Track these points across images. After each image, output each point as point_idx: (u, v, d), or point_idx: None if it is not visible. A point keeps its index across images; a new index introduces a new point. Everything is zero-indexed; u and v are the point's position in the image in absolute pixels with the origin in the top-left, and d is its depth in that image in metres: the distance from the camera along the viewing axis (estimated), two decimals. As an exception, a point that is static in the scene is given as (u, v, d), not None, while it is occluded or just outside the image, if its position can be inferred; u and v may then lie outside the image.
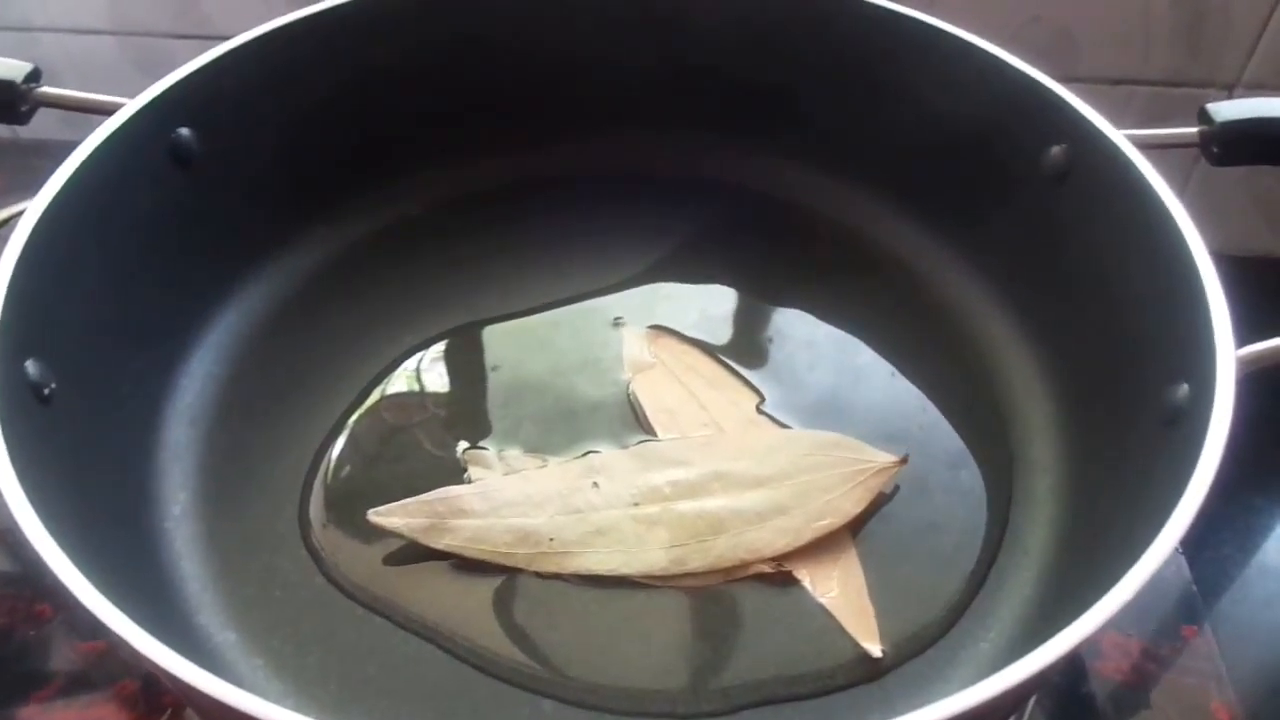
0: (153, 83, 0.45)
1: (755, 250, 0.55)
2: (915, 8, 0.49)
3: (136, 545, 0.41)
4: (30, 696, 0.45)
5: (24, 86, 0.45)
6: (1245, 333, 0.36)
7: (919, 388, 0.48)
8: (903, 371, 0.49)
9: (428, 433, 0.47)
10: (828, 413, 0.47)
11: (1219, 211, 0.69)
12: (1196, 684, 0.46)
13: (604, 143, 0.56)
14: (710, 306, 0.52)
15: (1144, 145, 0.41)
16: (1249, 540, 0.52)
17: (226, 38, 0.47)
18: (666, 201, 0.56)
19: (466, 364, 0.50)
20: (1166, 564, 0.48)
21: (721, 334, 0.51)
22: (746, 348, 0.50)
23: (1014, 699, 0.32)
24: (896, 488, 0.44)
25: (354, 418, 0.47)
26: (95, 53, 0.71)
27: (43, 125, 0.60)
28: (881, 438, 0.45)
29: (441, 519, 0.43)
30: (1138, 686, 0.46)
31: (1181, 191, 0.66)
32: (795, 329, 0.51)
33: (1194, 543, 0.50)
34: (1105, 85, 0.65)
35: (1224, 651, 0.46)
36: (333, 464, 0.46)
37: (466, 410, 0.48)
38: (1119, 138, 0.41)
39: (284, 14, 0.48)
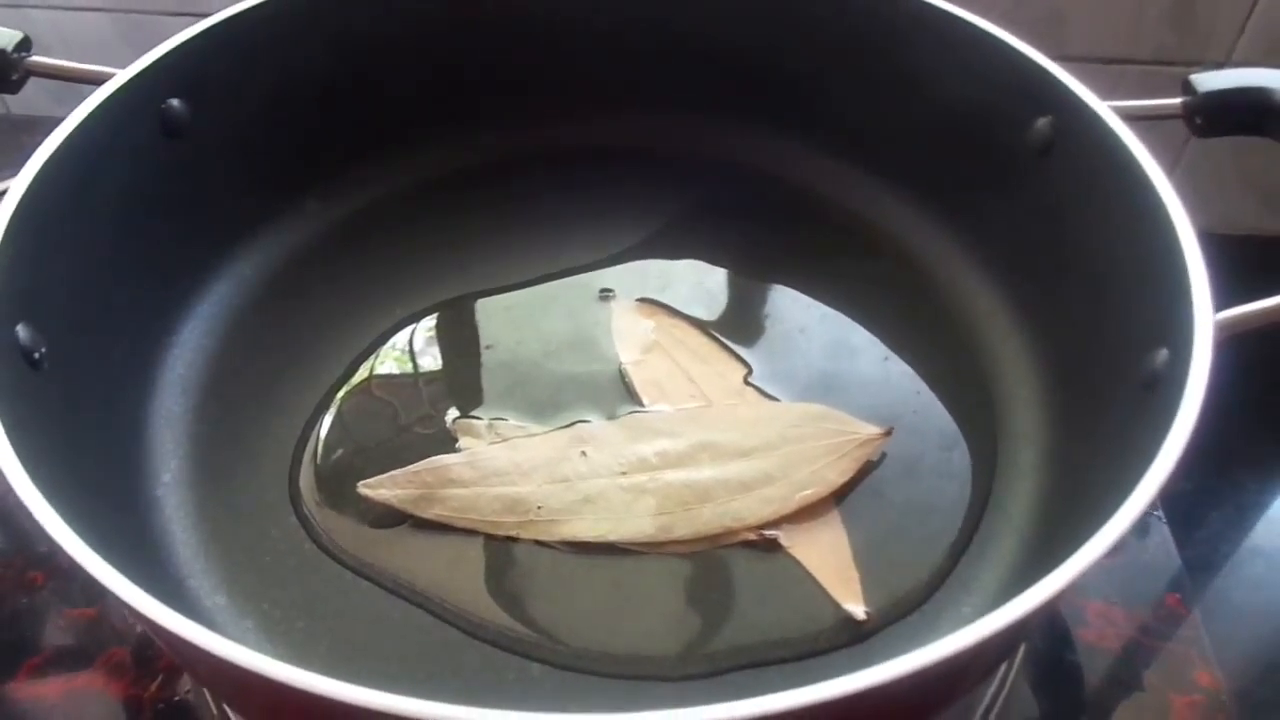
0: (145, 59, 0.45)
1: (746, 228, 0.55)
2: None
3: (127, 511, 0.41)
4: (21, 665, 0.45)
5: (14, 55, 0.45)
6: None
7: (907, 363, 0.49)
8: (890, 347, 0.49)
9: (418, 403, 0.47)
10: (817, 390, 0.47)
11: (1208, 190, 0.69)
12: (1181, 651, 0.46)
13: (598, 119, 0.57)
14: (701, 283, 0.52)
15: (1128, 116, 0.41)
16: (1234, 514, 0.52)
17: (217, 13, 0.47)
18: (658, 178, 0.57)
19: (457, 336, 0.50)
20: (1151, 536, 0.49)
21: (712, 310, 0.51)
22: (737, 324, 0.50)
23: (992, 650, 0.32)
24: (884, 455, 0.45)
25: (344, 389, 0.48)
26: (87, 28, 0.71)
27: (34, 101, 0.60)
28: (868, 413, 0.45)
29: (430, 489, 0.43)
30: (1122, 654, 0.46)
31: (1171, 171, 0.67)
32: (785, 307, 0.52)
33: (1179, 518, 0.50)
34: (1096, 64, 0.65)
35: (1207, 620, 0.47)
36: (323, 434, 0.46)
37: (456, 381, 0.48)
38: (1103, 108, 0.41)
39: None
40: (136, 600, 0.28)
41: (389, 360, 0.49)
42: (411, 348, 0.49)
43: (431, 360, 0.49)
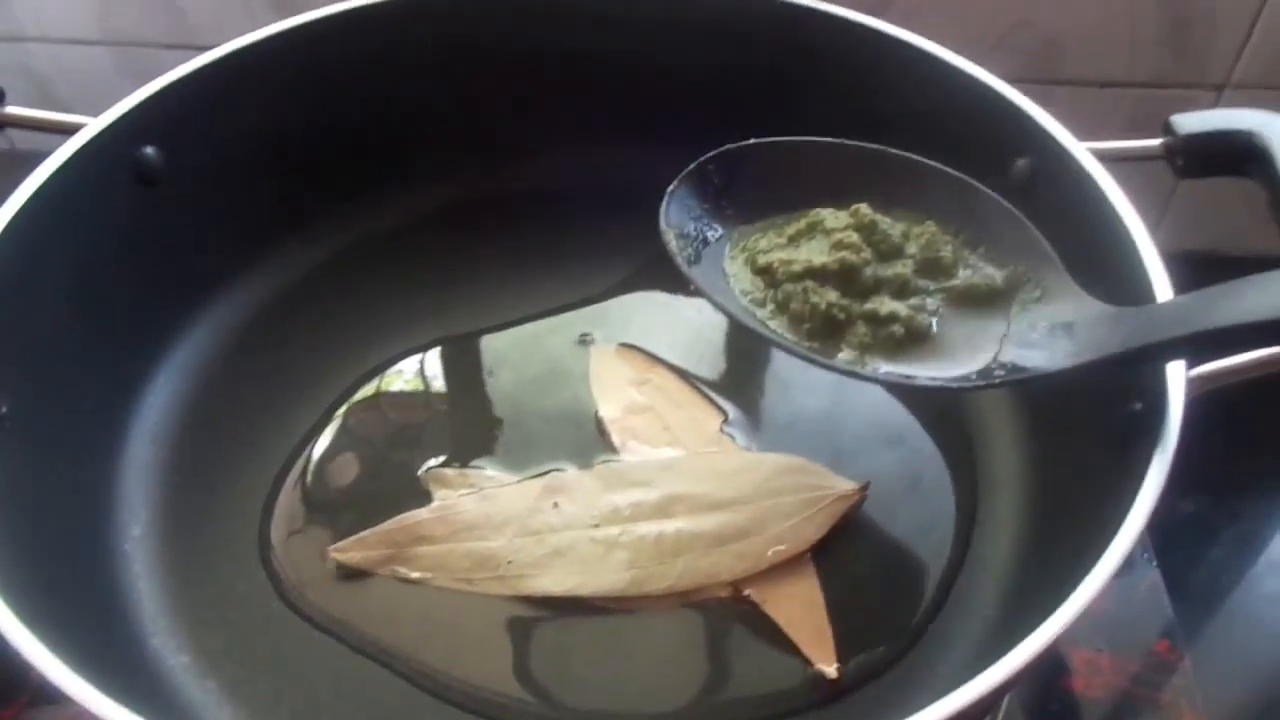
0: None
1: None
2: (899, 15, 0.48)
3: (93, 567, 0.41)
4: (16, 700, 0.44)
5: (-16, 107, 0.45)
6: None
7: (889, 410, 0.48)
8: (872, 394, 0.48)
9: (391, 450, 0.47)
10: (796, 430, 0.47)
11: (1210, 212, 0.68)
12: (1172, 701, 0.45)
13: (579, 157, 0.56)
14: (681, 321, 0.52)
15: (1109, 158, 0.41)
16: (1227, 560, 0.51)
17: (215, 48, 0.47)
18: (641, 215, 0.56)
19: (434, 381, 0.50)
20: (1141, 580, 0.48)
21: (693, 348, 0.50)
22: (717, 362, 0.50)
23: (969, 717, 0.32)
24: (862, 499, 0.44)
25: (318, 438, 0.47)
26: (86, 63, 0.71)
27: (38, 137, 0.60)
28: (847, 456, 0.45)
29: (401, 548, 0.43)
30: (1110, 705, 0.45)
31: (1173, 191, 0.65)
32: (767, 344, 0.51)
33: (1171, 563, 0.49)
34: (1092, 88, 0.64)
35: (1198, 668, 0.46)
36: (295, 485, 0.45)
37: (430, 426, 0.48)
38: (1080, 150, 0.40)
39: (270, 23, 0.48)
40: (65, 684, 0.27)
41: (362, 407, 0.48)
42: (386, 393, 0.49)
43: (406, 406, 0.49)
